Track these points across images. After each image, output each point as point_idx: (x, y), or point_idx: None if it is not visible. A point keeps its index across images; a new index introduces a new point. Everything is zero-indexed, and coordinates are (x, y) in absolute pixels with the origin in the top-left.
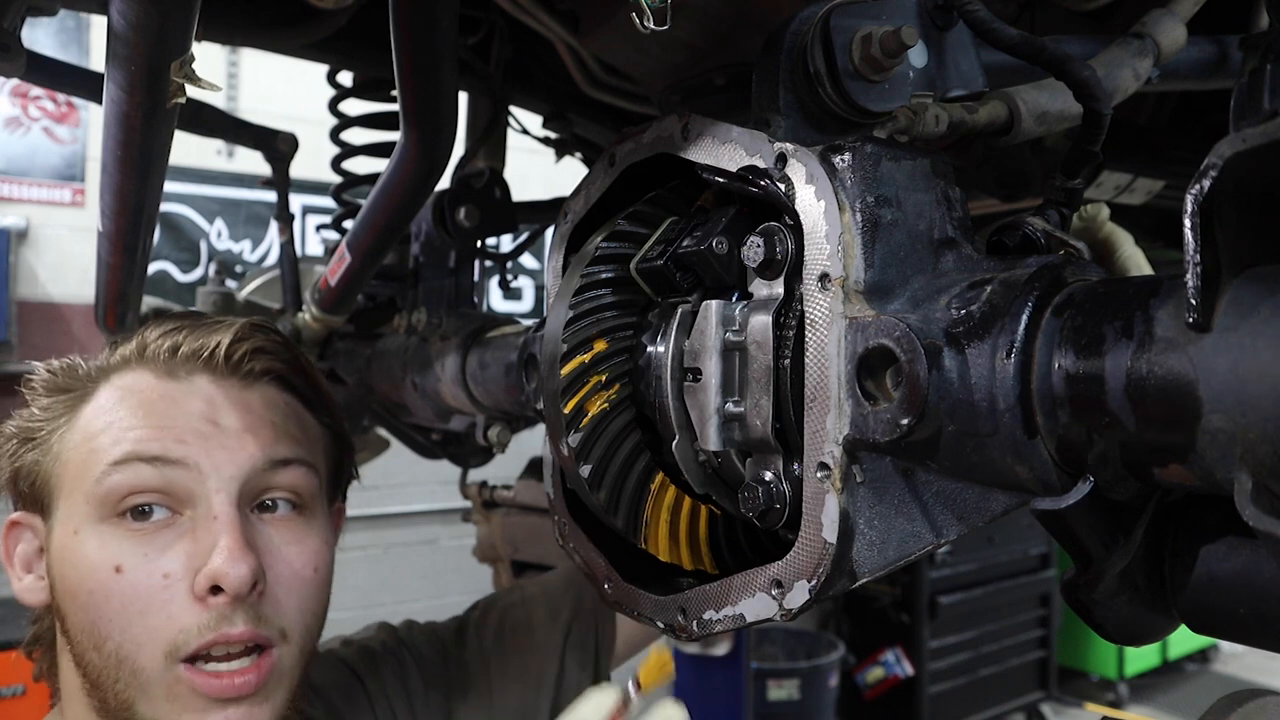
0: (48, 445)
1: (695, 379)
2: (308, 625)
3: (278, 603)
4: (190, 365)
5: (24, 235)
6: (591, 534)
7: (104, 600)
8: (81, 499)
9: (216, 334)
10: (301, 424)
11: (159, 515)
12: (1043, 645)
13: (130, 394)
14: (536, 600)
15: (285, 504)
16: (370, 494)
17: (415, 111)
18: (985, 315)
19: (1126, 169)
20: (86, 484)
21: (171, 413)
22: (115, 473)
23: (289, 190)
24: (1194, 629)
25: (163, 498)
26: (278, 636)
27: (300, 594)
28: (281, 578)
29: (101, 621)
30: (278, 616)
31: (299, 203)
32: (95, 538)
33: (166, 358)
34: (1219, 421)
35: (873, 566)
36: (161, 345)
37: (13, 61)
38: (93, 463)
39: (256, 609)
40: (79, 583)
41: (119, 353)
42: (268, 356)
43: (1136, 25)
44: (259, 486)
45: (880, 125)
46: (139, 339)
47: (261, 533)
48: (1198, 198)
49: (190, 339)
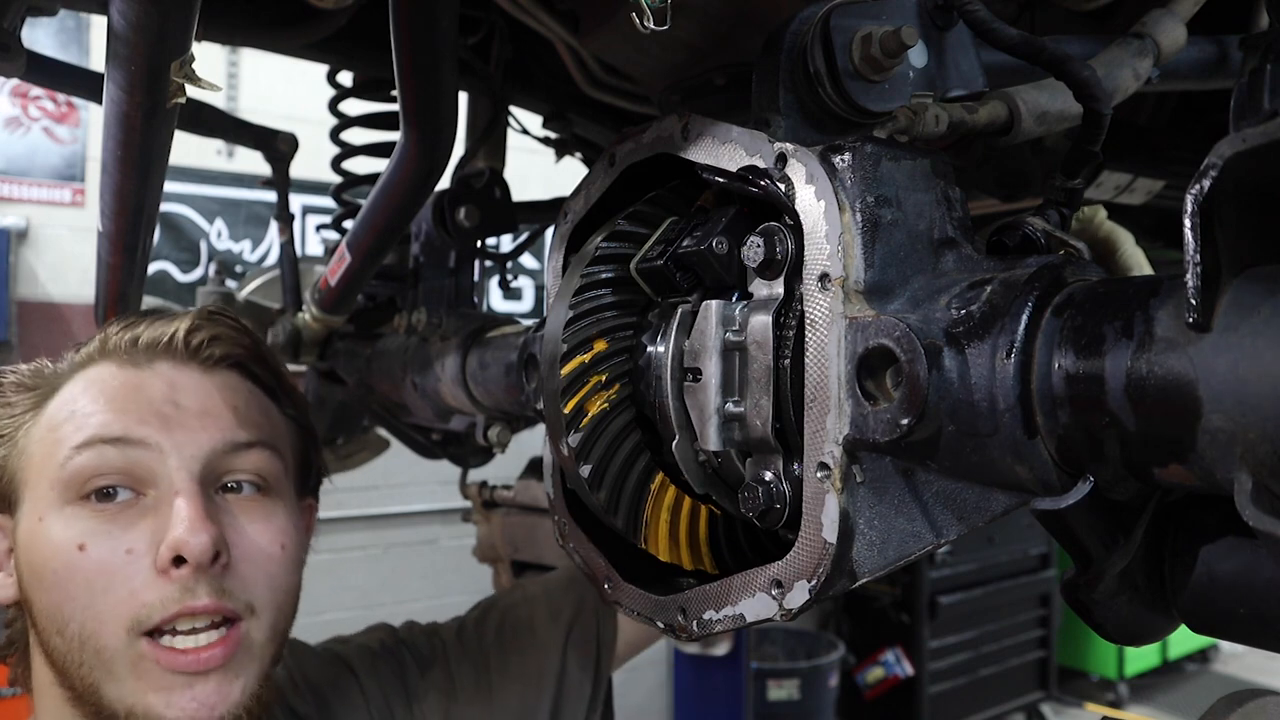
0: (14, 441)
1: (695, 379)
2: (278, 602)
3: (243, 577)
4: (150, 353)
5: (24, 235)
6: (591, 534)
7: (68, 579)
8: (46, 486)
9: (175, 323)
10: (265, 411)
11: (123, 496)
12: (1043, 645)
13: (93, 384)
14: (538, 600)
15: (249, 486)
16: (370, 494)
17: (415, 111)
18: (985, 315)
19: (1126, 169)
20: (51, 470)
21: (133, 397)
22: (78, 455)
23: (289, 190)
24: (1194, 629)
25: (126, 479)
26: (245, 610)
27: (267, 569)
28: (246, 552)
29: (66, 601)
30: (243, 591)
31: (299, 203)
32: (59, 520)
33: (128, 348)
34: (1219, 421)
35: (873, 566)
36: (122, 337)
37: (13, 61)
38: (57, 450)
39: (220, 582)
40: (43, 565)
41: (82, 351)
42: (227, 343)
43: (1136, 25)
44: (221, 468)
45: (880, 125)
46: (100, 336)
47: (226, 510)
48: (1198, 198)
49: (149, 329)
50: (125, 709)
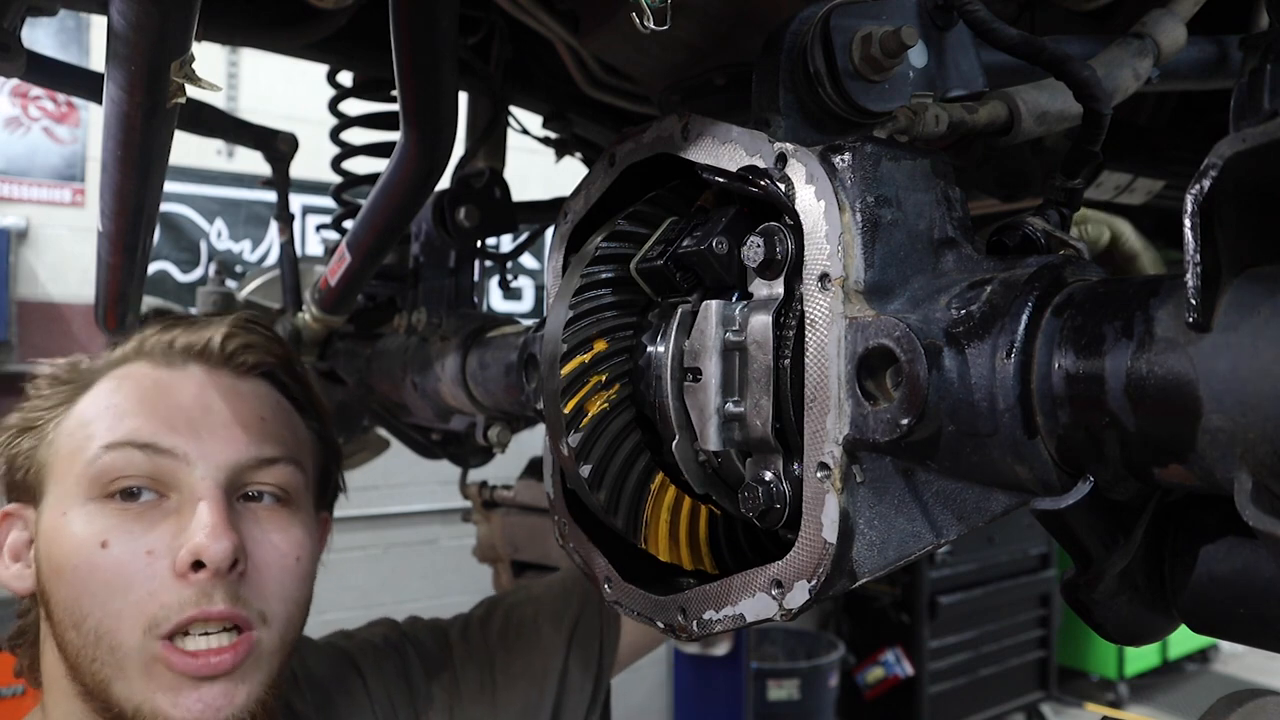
0: (44, 433)
1: (695, 379)
2: (289, 613)
3: (258, 586)
4: (185, 356)
5: (24, 235)
6: (591, 534)
7: (88, 574)
8: (72, 481)
9: (211, 328)
10: (290, 424)
11: (146, 497)
12: (1043, 645)
13: (126, 382)
14: (541, 600)
15: (270, 497)
16: (370, 494)
17: (415, 111)
18: (985, 315)
19: (1126, 169)
20: (78, 466)
21: (165, 399)
22: (106, 455)
23: (289, 190)
24: (1194, 629)
25: (151, 482)
26: (257, 619)
27: (281, 580)
28: (263, 562)
29: (85, 597)
30: (258, 600)
31: (299, 203)
32: (83, 516)
33: (164, 350)
34: (1219, 421)
35: (873, 566)
36: (159, 340)
37: (13, 61)
38: (86, 445)
39: (236, 589)
40: (64, 559)
41: (119, 350)
42: (259, 351)
43: (1136, 25)
44: (245, 479)
45: (880, 125)
46: (138, 336)
47: (245, 519)
48: (1198, 198)
49: (186, 334)
50: (133, 707)
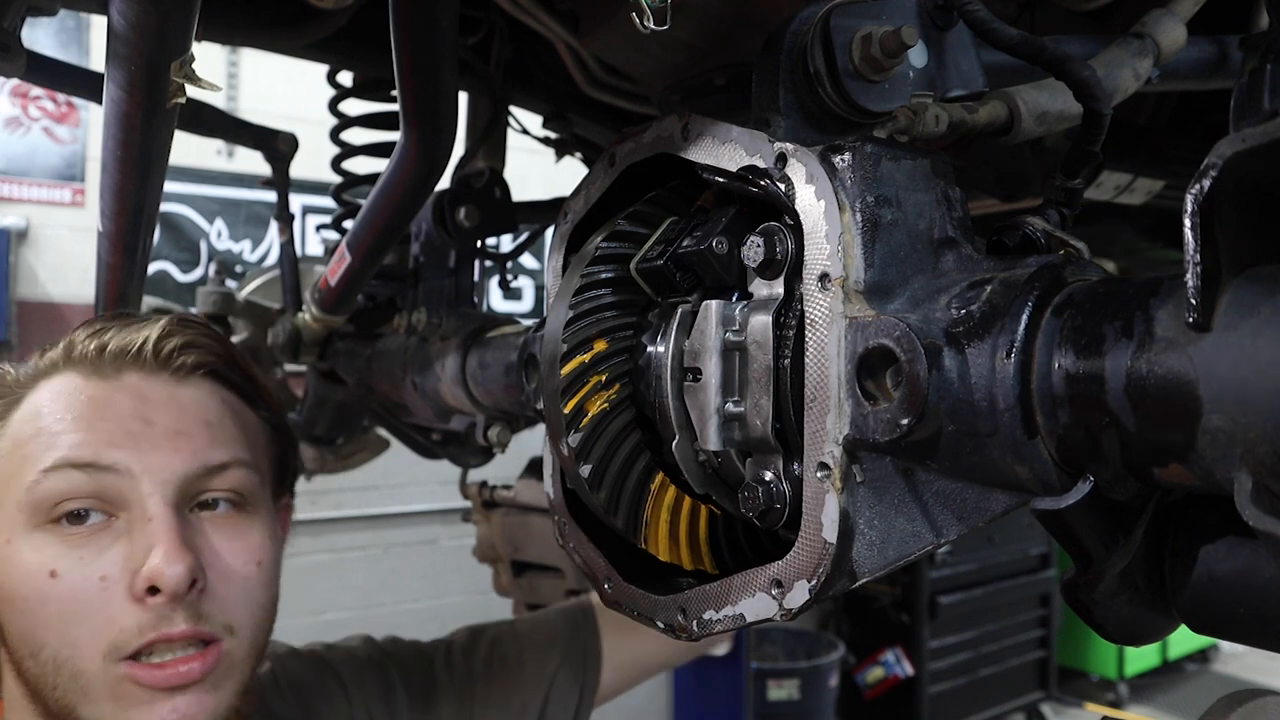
0: None
1: (695, 379)
2: (256, 619)
3: (221, 599)
4: (118, 363)
5: (24, 235)
6: (591, 534)
7: (39, 606)
8: (14, 507)
9: (144, 330)
10: (239, 420)
11: (94, 519)
12: (1043, 645)
13: (59, 397)
14: (526, 638)
15: (225, 503)
16: (370, 494)
17: (415, 111)
18: (985, 315)
19: (1126, 169)
20: (18, 492)
21: (101, 414)
22: (46, 479)
23: (289, 190)
24: (1194, 629)
25: (97, 502)
26: (223, 631)
27: (243, 589)
28: (223, 574)
29: (38, 628)
30: (221, 613)
31: (299, 203)
32: (29, 545)
33: (94, 357)
34: (1219, 421)
35: (873, 566)
36: (88, 345)
37: (13, 61)
38: (24, 471)
39: (197, 607)
40: (14, 590)
41: (47, 357)
42: (199, 351)
43: (1136, 25)
44: (195, 489)
45: (880, 125)
46: (66, 341)
47: (200, 531)
48: (1198, 198)
49: (117, 337)
50: None
